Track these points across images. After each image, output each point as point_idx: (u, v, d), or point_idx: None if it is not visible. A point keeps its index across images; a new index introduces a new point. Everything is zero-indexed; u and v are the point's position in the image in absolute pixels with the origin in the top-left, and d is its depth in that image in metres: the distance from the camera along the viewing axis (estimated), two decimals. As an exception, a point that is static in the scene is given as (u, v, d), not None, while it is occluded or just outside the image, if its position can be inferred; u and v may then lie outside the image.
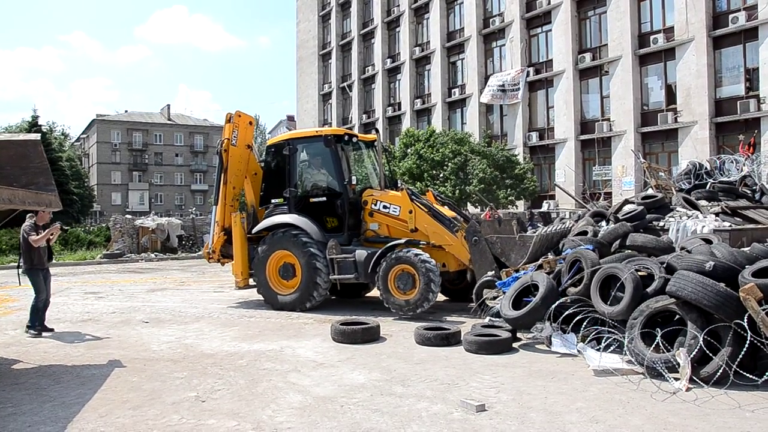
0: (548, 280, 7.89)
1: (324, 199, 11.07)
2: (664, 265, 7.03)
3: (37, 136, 7.02)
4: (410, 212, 10.52)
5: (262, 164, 12.15)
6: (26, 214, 8.05)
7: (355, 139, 11.72)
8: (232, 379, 6.24)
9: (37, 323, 8.87)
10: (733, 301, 5.86)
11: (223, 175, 11.66)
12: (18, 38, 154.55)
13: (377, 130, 11.99)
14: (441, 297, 10.93)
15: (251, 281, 11.32)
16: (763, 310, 5.60)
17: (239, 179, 11.84)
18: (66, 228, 8.91)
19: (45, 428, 4.83)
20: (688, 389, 5.55)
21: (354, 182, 11.06)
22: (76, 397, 5.63)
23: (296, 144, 11.36)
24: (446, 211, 11.05)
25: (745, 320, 5.63)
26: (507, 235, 10.08)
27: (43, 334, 8.78)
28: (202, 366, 6.79)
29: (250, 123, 12.31)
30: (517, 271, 9.11)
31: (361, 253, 10.29)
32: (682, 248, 8.25)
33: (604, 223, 11.25)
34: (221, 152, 11.69)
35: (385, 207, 10.74)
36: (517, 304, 7.94)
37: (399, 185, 11.20)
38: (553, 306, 7.46)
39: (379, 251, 10.05)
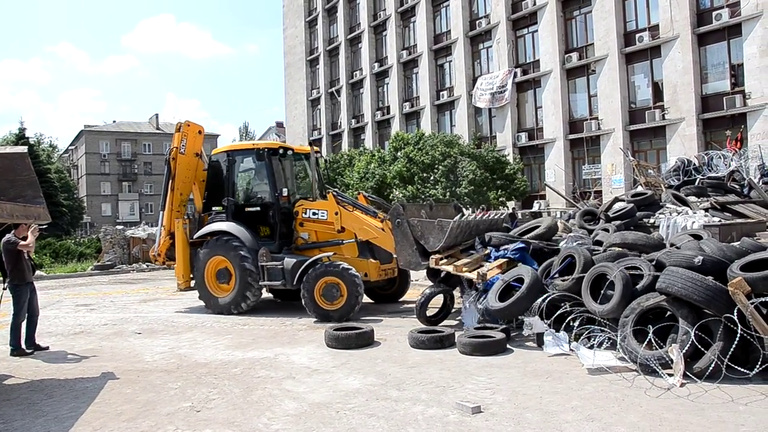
0: (533, 272, 8.11)
1: (258, 208, 11.70)
2: (654, 263, 7.06)
3: (24, 149, 6.96)
4: (336, 213, 11.03)
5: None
6: (14, 227, 7.94)
7: (290, 152, 12.22)
8: (226, 387, 6.21)
9: (26, 342, 8.43)
10: (722, 295, 5.90)
11: (170, 181, 12.25)
12: (4, 50, 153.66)
13: (312, 144, 12.57)
14: (368, 300, 11.64)
15: (192, 283, 11.95)
16: (752, 303, 5.64)
17: (186, 186, 12.51)
18: (43, 225, 8.62)
19: (38, 443, 4.79)
20: (682, 385, 5.57)
21: (285, 193, 11.49)
22: (69, 411, 5.58)
23: (235, 155, 11.99)
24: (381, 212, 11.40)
25: (735, 314, 5.66)
26: (428, 219, 10.03)
27: (36, 353, 8.50)
28: (196, 375, 6.75)
29: (200, 132, 12.83)
30: (438, 253, 9.30)
31: (289, 261, 10.72)
32: (672, 244, 8.31)
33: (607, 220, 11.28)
34: (169, 160, 12.28)
35: (314, 214, 11.32)
36: (503, 298, 8.11)
37: (327, 190, 11.73)
38: (545, 303, 7.51)
39: (307, 262, 10.44)
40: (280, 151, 11.88)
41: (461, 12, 39.37)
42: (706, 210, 11.47)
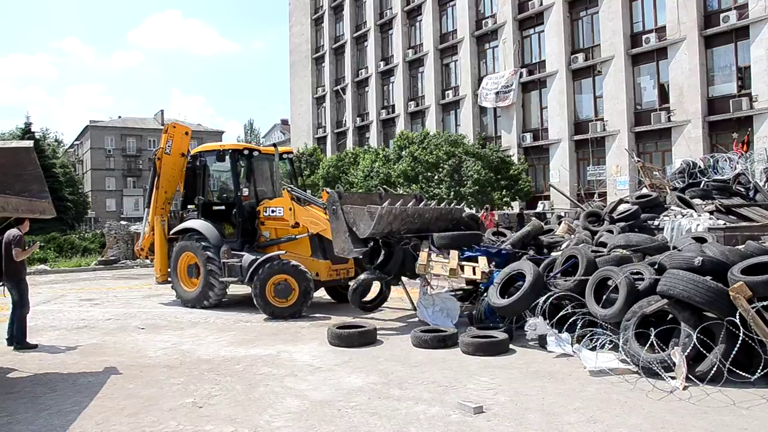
0: (534, 268, 8.11)
1: (223, 207, 12.16)
2: (656, 266, 7.04)
3: (29, 143, 6.98)
4: (290, 209, 11.23)
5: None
6: (19, 221, 7.94)
7: (256, 153, 12.45)
8: (228, 384, 6.22)
9: (9, 337, 8.37)
10: (724, 296, 5.88)
11: (156, 180, 12.81)
12: (11, 45, 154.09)
13: (275, 145, 12.91)
14: (328, 298, 12.36)
15: (169, 277, 12.47)
16: (753, 307, 5.62)
17: (171, 185, 12.99)
18: (42, 245, 8.61)
19: (41, 437, 4.81)
20: (684, 388, 5.56)
21: (245, 193, 11.94)
22: (72, 405, 5.60)
23: (205, 156, 12.43)
24: None
25: (737, 317, 5.64)
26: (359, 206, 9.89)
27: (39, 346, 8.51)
28: (199, 372, 6.76)
29: (186, 133, 13.36)
30: (367, 243, 9.37)
31: (246, 258, 10.97)
32: (674, 247, 8.28)
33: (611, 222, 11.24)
34: (155, 160, 12.90)
35: (272, 211, 11.60)
36: (502, 294, 8.16)
37: (283, 187, 12.04)
38: (547, 303, 7.51)
39: (260, 260, 10.65)
40: (245, 152, 12.25)
41: (467, 11, 39.33)
42: (711, 213, 11.44)
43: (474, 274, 8.94)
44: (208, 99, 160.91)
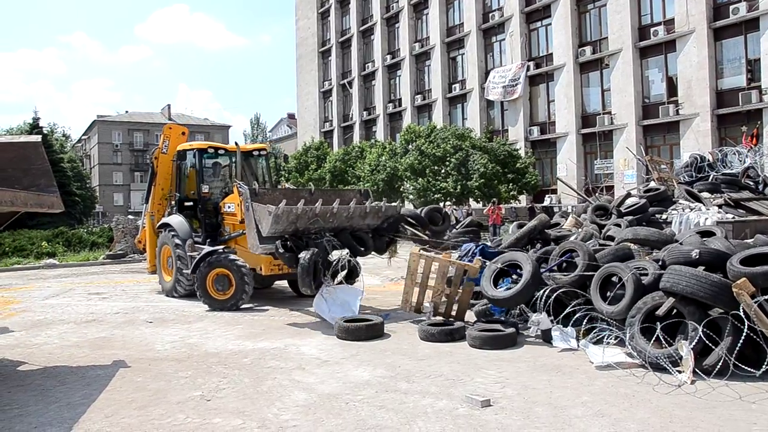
0: (530, 258, 8.10)
1: (191, 203, 12.79)
2: (660, 262, 7.01)
3: (37, 138, 7.01)
4: (238, 205, 11.31)
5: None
6: (28, 215, 7.99)
7: (222, 152, 13.02)
8: (236, 377, 6.25)
9: None
10: (728, 290, 5.85)
11: (153, 178, 13.76)
12: (19, 40, 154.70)
13: (237, 143, 13.23)
14: (290, 291, 12.56)
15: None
16: (756, 302, 5.59)
17: (168, 182, 13.66)
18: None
19: (51, 429, 4.84)
20: (692, 382, 5.54)
21: (205, 190, 12.47)
22: (82, 398, 5.63)
23: (179, 154, 13.17)
24: None
25: (741, 311, 5.63)
26: (266, 204, 9.75)
27: (48, 339, 8.62)
28: (207, 365, 6.79)
29: (183, 133, 14.22)
30: (273, 241, 9.33)
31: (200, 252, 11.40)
32: (677, 242, 8.22)
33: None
34: (152, 159, 13.83)
35: (228, 207, 11.91)
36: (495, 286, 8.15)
37: (235, 183, 12.14)
38: (551, 299, 7.49)
39: (202, 253, 11.02)
40: (209, 150, 12.87)
41: (474, 4, 39.19)
42: (720, 206, 11.38)
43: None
44: (215, 93, 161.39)
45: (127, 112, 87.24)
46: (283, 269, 11.29)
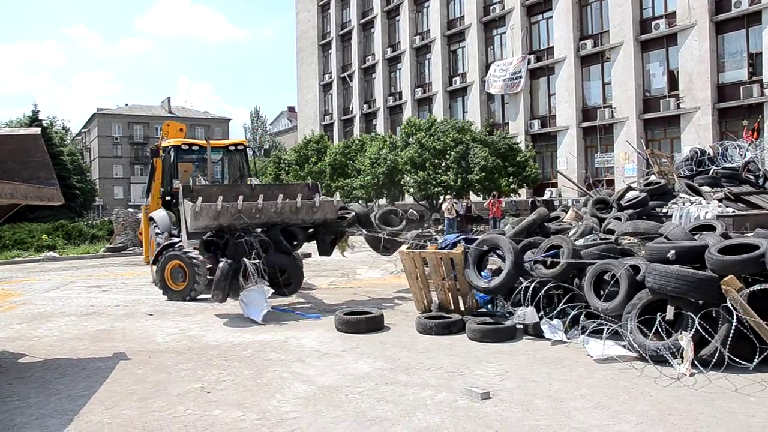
0: (512, 244, 8.06)
1: (169, 198, 13.35)
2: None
3: (37, 131, 7.00)
4: None
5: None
6: (28, 208, 8.00)
7: (195, 148, 13.88)
8: (236, 369, 6.26)
9: None
10: (714, 284, 5.89)
11: (154, 173, 14.50)
12: (19, 32, 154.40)
13: (207, 140, 13.77)
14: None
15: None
16: (741, 296, 5.62)
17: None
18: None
19: (52, 421, 4.86)
20: (691, 374, 5.55)
21: (176, 185, 12.84)
22: (82, 390, 5.65)
23: (163, 150, 14.01)
24: None
25: (729, 304, 5.68)
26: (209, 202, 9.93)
27: (49, 332, 8.67)
28: (207, 357, 6.81)
29: (180, 129, 15.29)
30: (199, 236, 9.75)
31: None
32: (666, 237, 8.18)
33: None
34: (152, 156, 14.69)
35: None
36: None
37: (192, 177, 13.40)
38: (540, 294, 7.51)
39: (161, 246, 11.49)
40: (183, 147, 13.73)
41: (475, -3, 39.04)
42: (720, 200, 11.39)
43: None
44: (215, 86, 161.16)
45: (127, 104, 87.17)
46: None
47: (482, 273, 8.35)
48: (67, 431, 4.64)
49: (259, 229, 10.37)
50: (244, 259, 9.40)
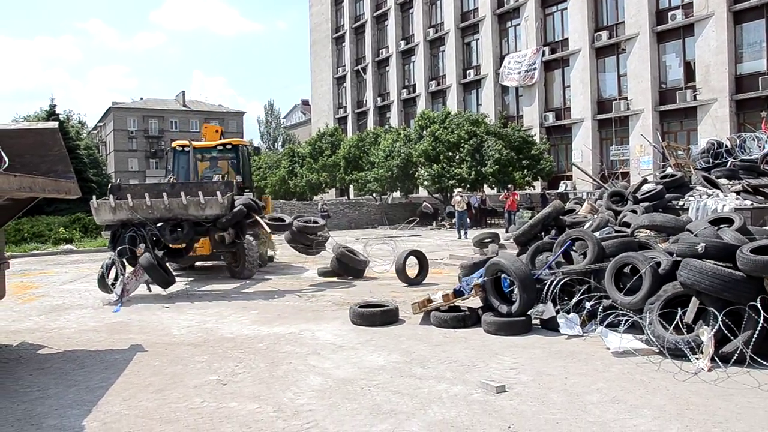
0: (514, 265, 7.45)
1: None
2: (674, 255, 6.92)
3: (54, 124, 7.05)
4: None
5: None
6: (46, 201, 8.06)
7: (188, 149, 14.62)
8: (252, 362, 6.29)
9: None
10: (747, 284, 5.79)
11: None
12: (36, 27, 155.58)
13: (191, 141, 14.87)
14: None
15: None
16: None
17: None
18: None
19: (71, 411, 4.91)
20: (710, 369, 5.50)
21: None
22: (100, 381, 5.71)
23: (173, 151, 15.12)
24: None
25: (759, 302, 5.58)
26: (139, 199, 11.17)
27: (66, 324, 8.77)
28: (223, 349, 6.85)
29: (216, 131, 16.86)
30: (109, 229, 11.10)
31: None
32: (690, 231, 8.10)
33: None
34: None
35: None
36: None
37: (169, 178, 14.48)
38: (557, 288, 7.42)
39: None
40: (179, 148, 14.76)
41: (489, -11, 38.78)
42: (738, 193, 11.24)
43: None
44: (230, 79, 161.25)
45: (142, 98, 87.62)
46: (197, 252, 12.81)
47: (504, 284, 7.81)
48: (86, 422, 4.69)
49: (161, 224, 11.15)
50: (113, 253, 10.75)
